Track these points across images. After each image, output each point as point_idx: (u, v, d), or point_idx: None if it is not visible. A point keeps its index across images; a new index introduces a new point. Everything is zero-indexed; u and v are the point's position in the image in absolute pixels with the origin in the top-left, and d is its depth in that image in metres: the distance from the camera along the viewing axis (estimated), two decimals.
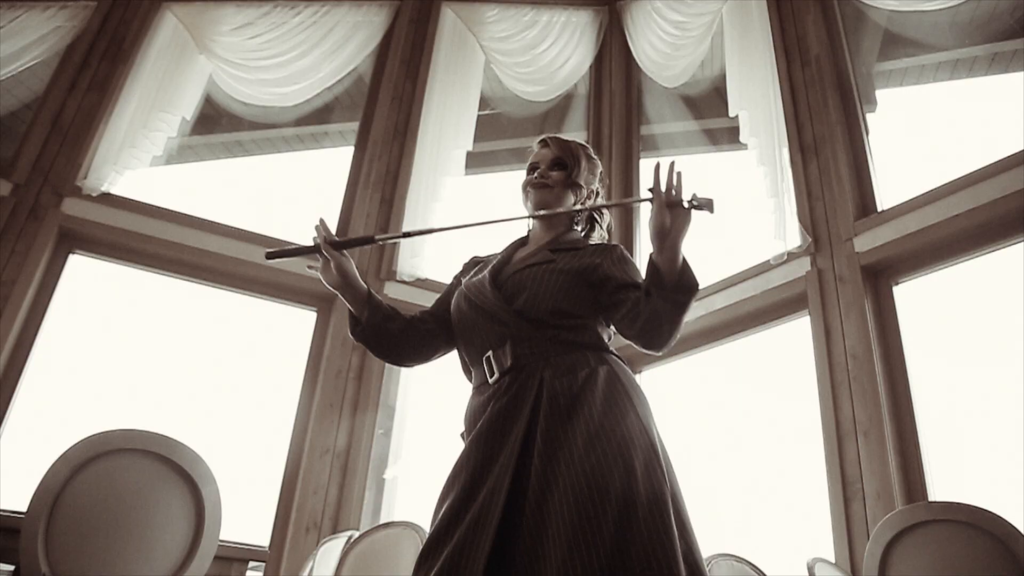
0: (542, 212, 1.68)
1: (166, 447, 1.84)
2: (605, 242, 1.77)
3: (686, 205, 1.40)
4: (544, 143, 1.76)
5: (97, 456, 1.80)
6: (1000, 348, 2.89)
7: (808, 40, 3.80)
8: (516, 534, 1.25)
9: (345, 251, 1.63)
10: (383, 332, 1.64)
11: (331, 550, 2.88)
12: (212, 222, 3.73)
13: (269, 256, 1.64)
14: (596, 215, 1.83)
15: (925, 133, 3.77)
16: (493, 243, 1.88)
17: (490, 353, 1.50)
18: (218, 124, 4.43)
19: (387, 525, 2.69)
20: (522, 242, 1.78)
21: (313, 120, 4.75)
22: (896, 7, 3.56)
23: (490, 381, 1.48)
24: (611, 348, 1.57)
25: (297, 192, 4.56)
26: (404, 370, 3.96)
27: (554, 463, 1.28)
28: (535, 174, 1.72)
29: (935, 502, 1.90)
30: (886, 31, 4.01)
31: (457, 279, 1.80)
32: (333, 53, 4.24)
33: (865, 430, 2.96)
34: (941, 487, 2.82)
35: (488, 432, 1.39)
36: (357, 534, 2.80)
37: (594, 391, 1.40)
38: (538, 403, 1.39)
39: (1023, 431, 2.66)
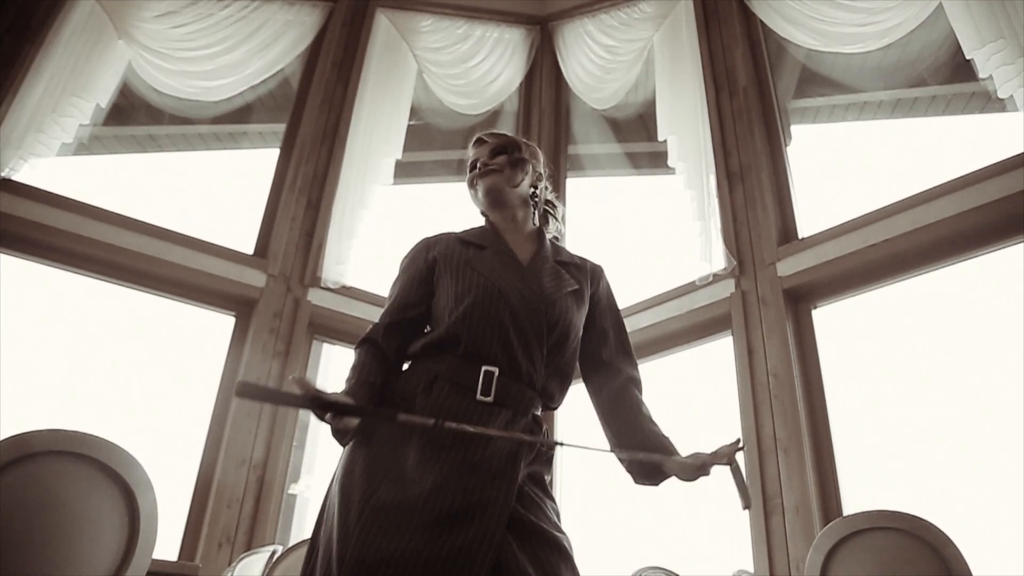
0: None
1: (98, 449, 1.69)
2: (585, 259, 1.73)
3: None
4: (480, 140, 1.72)
5: (17, 460, 1.64)
6: (909, 369, 3.08)
7: (737, 72, 3.97)
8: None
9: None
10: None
11: (251, 566, 2.73)
12: (125, 217, 3.51)
13: (241, 392, 1.29)
14: (551, 208, 1.78)
15: (835, 168, 4.01)
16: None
17: (495, 370, 1.41)
18: (132, 116, 4.19)
19: None
20: (492, 228, 1.67)
21: (232, 119, 4.57)
22: (816, 47, 3.77)
23: (479, 396, 1.39)
24: None
25: (215, 192, 4.36)
26: (317, 385, 3.83)
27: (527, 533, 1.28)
28: (472, 173, 1.69)
29: (873, 511, 1.99)
30: (803, 69, 4.24)
31: (436, 264, 1.59)
32: (262, 50, 4.09)
33: (785, 447, 3.08)
34: (854, 500, 2.96)
35: (495, 461, 1.33)
36: (281, 549, 2.67)
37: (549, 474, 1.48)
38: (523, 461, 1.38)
39: (930, 444, 2.84)
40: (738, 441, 1.51)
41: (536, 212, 1.73)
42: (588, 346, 1.64)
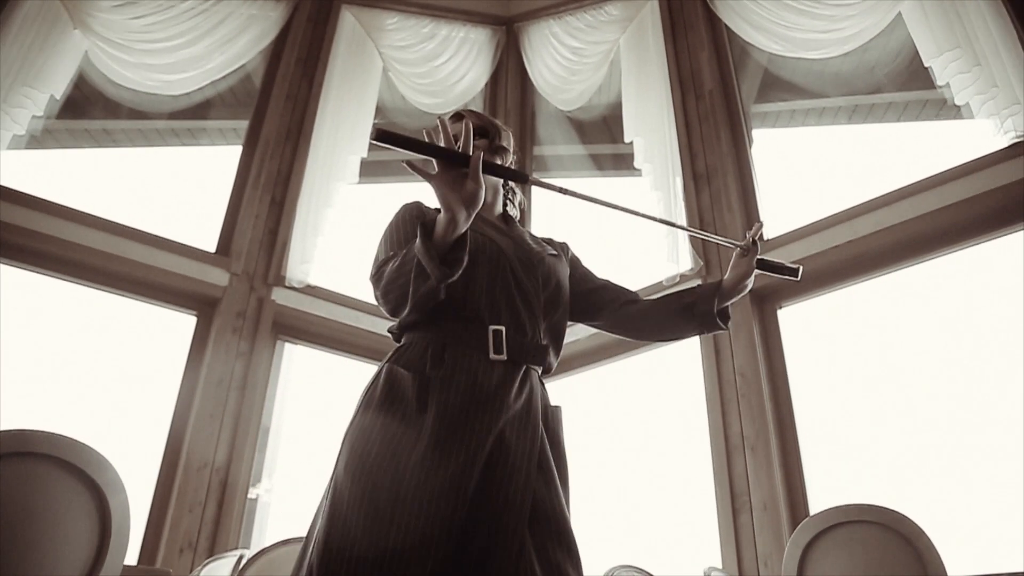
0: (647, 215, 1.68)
1: (67, 450, 1.63)
2: (551, 238, 1.77)
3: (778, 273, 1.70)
4: (459, 116, 1.69)
5: None
6: (872, 367, 3.15)
7: (703, 75, 4.02)
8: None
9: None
10: None
11: (216, 571, 2.66)
12: (82, 212, 3.39)
13: (379, 137, 1.24)
14: (511, 195, 1.76)
15: (796, 172, 4.09)
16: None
17: (503, 328, 1.41)
18: (88, 110, 4.05)
19: (286, 542, 2.51)
20: None
21: (190, 115, 4.46)
22: (780, 52, 3.84)
23: (492, 355, 1.38)
24: None
25: (173, 189, 4.25)
26: (280, 386, 3.77)
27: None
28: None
29: (849, 505, 2.03)
30: (765, 74, 4.31)
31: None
32: (225, 44, 4.00)
33: (752, 445, 3.13)
34: (820, 498, 3.02)
35: (518, 422, 1.33)
36: (249, 553, 2.60)
37: (560, 425, 1.48)
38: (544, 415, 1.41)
39: (893, 441, 2.91)
40: (760, 226, 1.62)
41: (506, 199, 1.74)
42: (601, 302, 1.71)
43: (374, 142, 1.25)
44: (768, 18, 3.76)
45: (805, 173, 4.06)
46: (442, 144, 1.29)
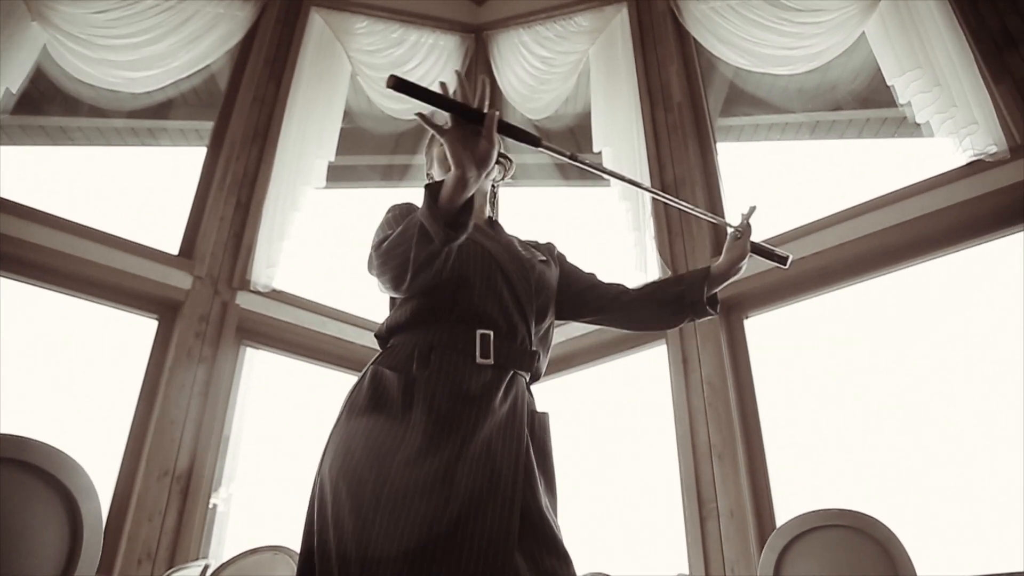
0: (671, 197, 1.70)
1: (36, 454, 1.56)
2: (537, 240, 1.78)
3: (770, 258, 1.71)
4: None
5: None
6: (836, 375, 3.22)
7: (672, 88, 4.07)
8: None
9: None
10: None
11: None
12: (39, 211, 3.27)
13: (395, 85, 1.19)
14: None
15: (758, 185, 4.17)
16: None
17: (490, 333, 1.40)
18: (44, 106, 3.93)
19: (254, 551, 2.46)
20: None
21: (150, 115, 4.35)
22: (747, 67, 3.92)
23: (478, 360, 1.36)
24: None
25: (133, 189, 4.14)
26: (240, 392, 3.68)
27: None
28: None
29: (825, 509, 2.07)
30: (730, 88, 4.39)
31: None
32: (190, 43, 3.92)
33: (720, 453, 3.16)
34: (785, 504, 3.07)
35: (503, 428, 1.31)
36: (214, 563, 2.54)
37: (548, 433, 1.47)
38: (530, 420, 1.40)
39: (856, 446, 2.98)
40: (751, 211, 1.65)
41: (492, 206, 1.76)
42: (593, 298, 1.71)
43: (390, 89, 1.20)
44: (737, 33, 3.84)
45: (768, 186, 4.15)
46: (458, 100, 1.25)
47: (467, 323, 1.40)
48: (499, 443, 1.29)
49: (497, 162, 1.66)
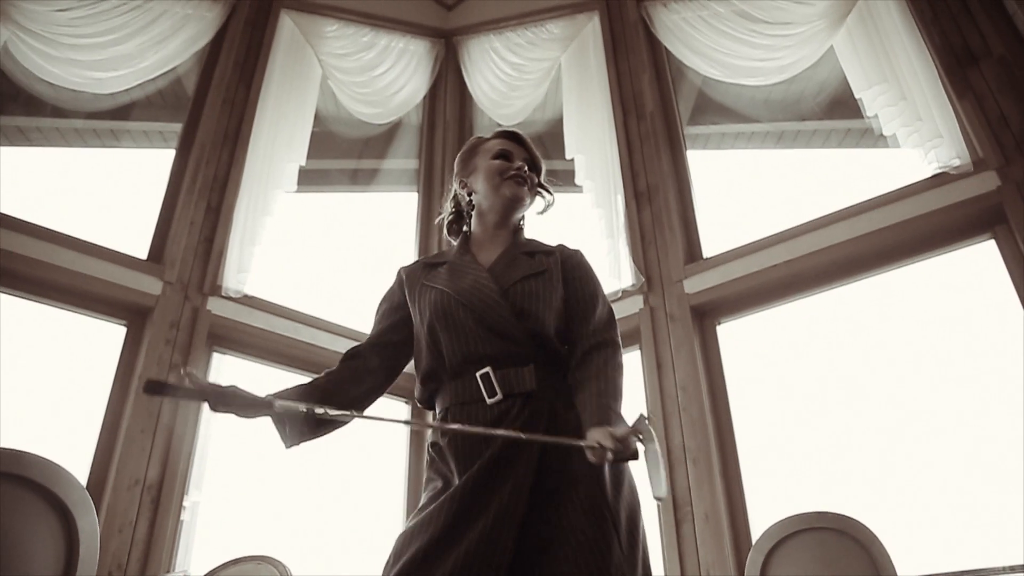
0: None
1: (33, 468, 1.52)
2: (561, 245, 1.77)
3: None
4: (515, 138, 1.76)
5: None
6: (807, 381, 3.31)
7: (644, 97, 4.13)
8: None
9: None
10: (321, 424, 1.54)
11: None
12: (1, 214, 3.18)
13: (149, 389, 1.37)
14: (543, 195, 1.84)
15: (726, 193, 4.26)
16: (345, 266, 1.82)
17: (489, 371, 1.43)
18: (1, 106, 3.80)
19: (237, 561, 2.42)
20: (466, 240, 1.72)
21: (112, 116, 4.25)
22: (718, 77, 4.00)
23: (488, 401, 1.41)
24: None
25: (96, 192, 4.03)
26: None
27: (561, 508, 1.33)
28: (516, 166, 1.69)
29: (808, 512, 2.13)
30: (698, 97, 4.47)
31: (404, 291, 1.66)
32: (158, 44, 3.84)
33: (694, 457, 3.22)
34: (759, 507, 3.14)
35: (499, 457, 1.33)
36: (195, 573, 2.49)
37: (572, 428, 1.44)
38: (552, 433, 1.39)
39: (827, 450, 3.06)
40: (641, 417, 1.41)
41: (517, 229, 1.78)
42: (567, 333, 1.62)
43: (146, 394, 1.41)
44: (708, 44, 3.92)
45: (735, 194, 4.23)
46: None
47: (463, 373, 1.47)
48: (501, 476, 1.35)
49: (539, 195, 1.78)
